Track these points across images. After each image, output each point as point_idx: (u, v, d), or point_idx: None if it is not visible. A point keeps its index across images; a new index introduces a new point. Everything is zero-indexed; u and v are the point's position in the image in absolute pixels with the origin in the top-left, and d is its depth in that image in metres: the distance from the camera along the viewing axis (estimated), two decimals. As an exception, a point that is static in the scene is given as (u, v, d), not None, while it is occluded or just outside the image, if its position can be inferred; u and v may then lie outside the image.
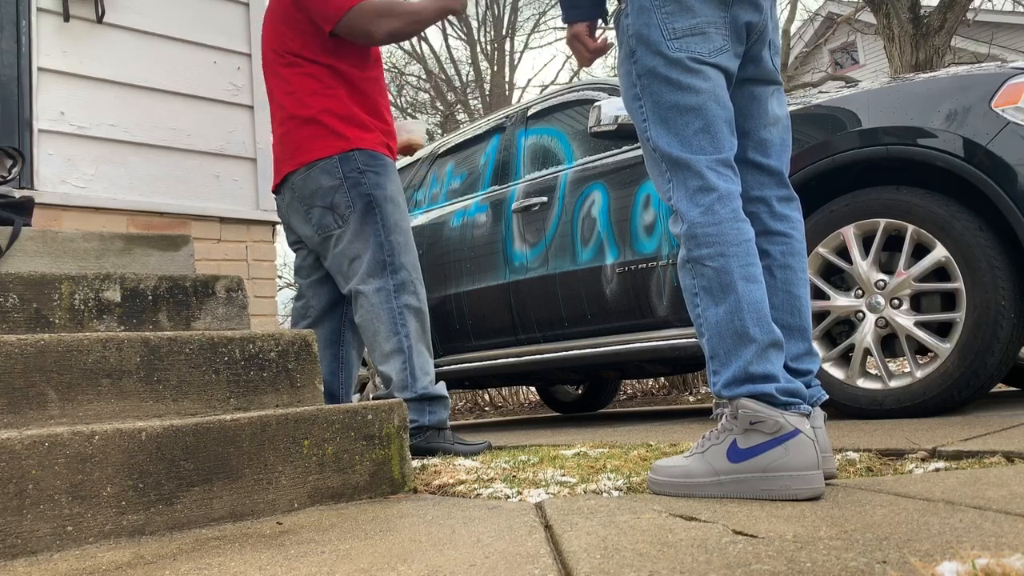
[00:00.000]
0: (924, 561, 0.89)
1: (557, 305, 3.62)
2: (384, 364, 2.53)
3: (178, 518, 1.48)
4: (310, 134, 2.57)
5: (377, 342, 2.53)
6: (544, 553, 1.08)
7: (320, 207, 2.57)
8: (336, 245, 2.58)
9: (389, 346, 2.52)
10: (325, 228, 2.59)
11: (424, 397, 2.52)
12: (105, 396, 1.68)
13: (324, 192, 2.55)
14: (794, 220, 1.63)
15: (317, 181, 2.56)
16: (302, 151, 2.58)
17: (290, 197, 2.65)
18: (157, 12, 3.48)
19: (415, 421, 2.49)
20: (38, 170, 3.10)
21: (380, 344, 2.53)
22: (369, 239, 2.54)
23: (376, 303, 2.52)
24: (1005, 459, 1.57)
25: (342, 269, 2.59)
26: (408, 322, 2.53)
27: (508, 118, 4.28)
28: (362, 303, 2.55)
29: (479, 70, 19.02)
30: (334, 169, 2.55)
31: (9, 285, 1.94)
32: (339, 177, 2.54)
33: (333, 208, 2.56)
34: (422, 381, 2.52)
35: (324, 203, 2.56)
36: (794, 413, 1.39)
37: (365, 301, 2.54)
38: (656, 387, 7.05)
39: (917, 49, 7.50)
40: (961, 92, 2.48)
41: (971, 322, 2.40)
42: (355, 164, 2.56)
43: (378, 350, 2.54)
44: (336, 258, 2.60)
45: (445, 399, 2.58)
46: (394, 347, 2.51)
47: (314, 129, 2.57)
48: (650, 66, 1.51)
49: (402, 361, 2.51)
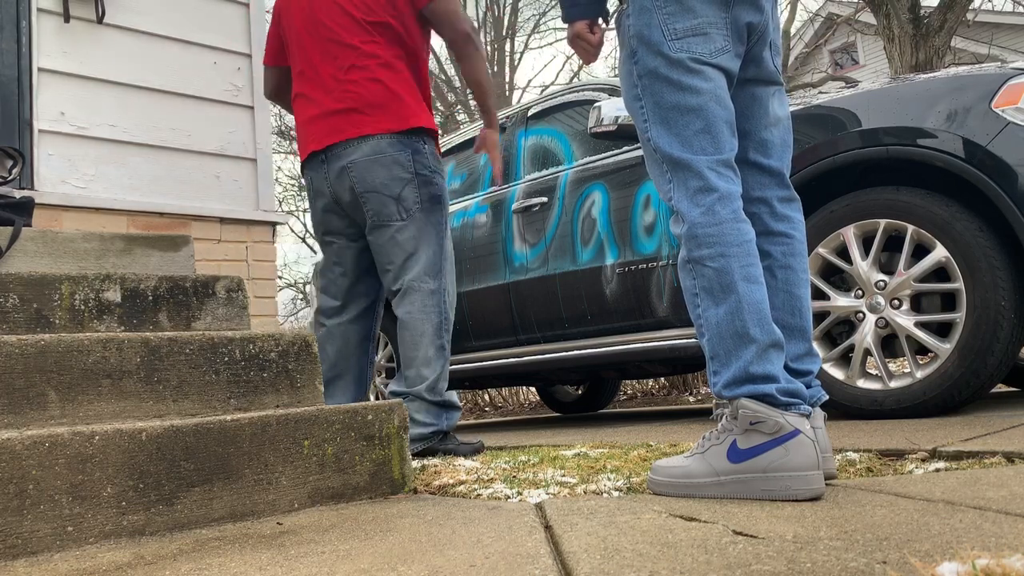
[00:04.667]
0: (924, 561, 0.89)
1: (557, 305, 3.62)
2: (425, 367, 2.51)
3: (178, 518, 1.48)
4: (384, 103, 2.50)
5: (423, 342, 2.51)
6: (544, 553, 1.08)
7: (385, 196, 2.51)
8: (394, 236, 2.53)
9: (434, 349, 2.52)
10: (386, 217, 2.53)
11: (446, 403, 2.54)
12: (105, 396, 1.68)
13: (392, 181, 2.50)
14: (795, 221, 1.64)
15: (388, 168, 2.49)
16: (376, 118, 2.50)
17: (340, 172, 2.54)
18: (157, 13, 3.48)
19: (435, 425, 2.50)
20: (38, 170, 3.10)
21: (425, 345, 2.51)
22: (432, 239, 2.54)
23: (430, 304, 2.52)
24: (1005, 459, 1.57)
25: (394, 261, 2.55)
26: (450, 328, 2.56)
27: (508, 118, 4.28)
28: (415, 300, 2.52)
29: (479, 70, 19.00)
30: (407, 162, 2.51)
31: (9, 285, 1.94)
32: (411, 171, 2.51)
33: (400, 200, 2.51)
34: (443, 387, 2.55)
35: (391, 193, 2.51)
36: (794, 413, 1.39)
37: (420, 299, 2.52)
38: (656, 387, 7.05)
39: (917, 49, 7.50)
40: (961, 92, 2.48)
41: (971, 322, 2.40)
42: (427, 162, 2.54)
43: (422, 350, 2.51)
44: (391, 248, 2.55)
45: (459, 408, 2.61)
46: (438, 350, 2.52)
47: (392, 99, 2.51)
48: (651, 66, 1.51)
49: (441, 365, 2.52)
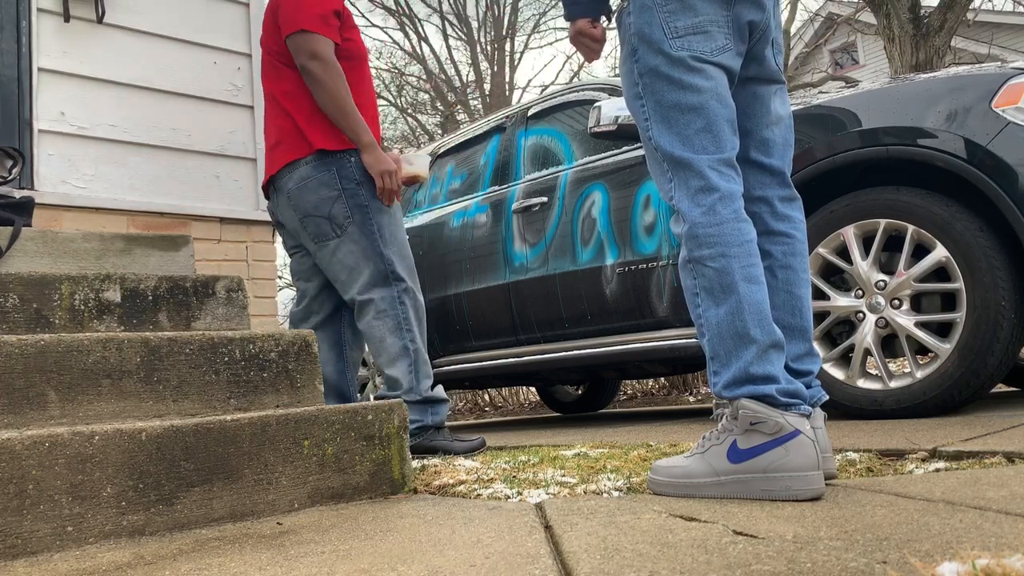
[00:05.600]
0: (924, 561, 0.89)
1: (557, 305, 3.62)
2: (391, 368, 2.59)
3: (178, 518, 1.48)
4: (301, 131, 2.60)
5: (384, 347, 2.59)
6: (544, 553, 1.08)
7: (317, 216, 2.60)
8: (334, 254, 2.62)
9: (396, 351, 2.58)
10: (323, 236, 2.61)
11: (428, 400, 2.60)
12: (105, 396, 1.68)
13: (321, 202, 2.57)
14: (796, 220, 1.63)
15: (316, 192, 2.57)
16: (296, 147, 2.60)
17: (284, 203, 2.66)
18: (157, 12, 3.47)
19: (419, 421, 2.57)
20: (38, 170, 3.10)
21: (387, 349, 2.59)
22: (369, 249, 2.58)
23: (383, 309, 2.58)
24: (1005, 459, 1.57)
25: (339, 277, 2.64)
26: (412, 327, 2.61)
27: (508, 118, 4.28)
28: (368, 310, 2.60)
29: (479, 70, 19.01)
30: (332, 180, 2.57)
31: (9, 285, 1.94)
32: (337, 188, 2.57)
33: (331, 219, 2.58)
34: (425, 384, 2.60)
35: (321, 213, 2.59)
36: (794, 414, 1.38)
37: (371, 308, 2.59)
38: (656, 387, 7.05)
39: (917, 49, 7.50)
40: (961, 92, 2.48)
41: (971, 322, 2.40)
42: (352, 174, 2.58)
43: (385, 355, 2.60)
44: (334, 266, 2.64)
45: (446, 401, 2.67)
46: (400, 352, 2.58)
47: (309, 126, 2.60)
48: (652, 65, 1.51)
49: (408, 365, 2.58)
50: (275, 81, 2.66)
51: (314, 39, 2.52)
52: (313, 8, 2.55)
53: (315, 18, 2.53)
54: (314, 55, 2.51)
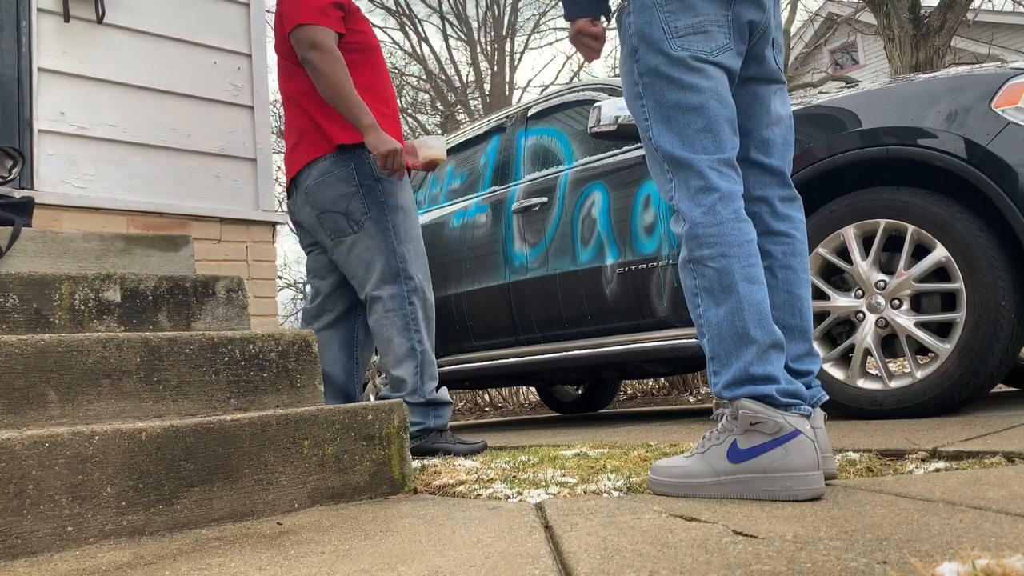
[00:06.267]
0: (924, 561, 0.89)
1: (557, 305, 3.62)
2: (397, 368, 2.60)
3: (178, 518, 1.48)
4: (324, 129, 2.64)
5: (391, 347, 2.60)
6: (544, 553, 1.08)
7: (334, 212, 2.62)
8: (350, 250, 2.63)
9: (403, 351, 2.59)
10: (340, 232, 2.63)
11: (432, 402, 2.60)
12: (105, 396, 1.68)
13: (339, 198, 2.60)
14: (796, 220, 1.63)
15: (334, 187, 2.60)
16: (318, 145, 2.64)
17: (302, 200, 2.69)
18: (157, 13, 3.47)
19: (421, 424, 2.57)
20: (38, 170, 3.10)
21: (394, 349, 2.60)
22: (384, 246, 2.60)
23: (392, 308, 2.59)
24: (1005, 459, 1.57)
25: (356, 274, 2.66)
26: (420, 328, 2.61)
27: (508, 118, 4.28)
28: (377, 308, 2.62)
29: (479, 70, 19.01)
30: (350, 176, 2.59)
31: (9, 285, 1.94)
32: (355, 184, 2.59)
33: (348, 214, 2.61)
34: (430, 386, 2.61)
35: (339, 209, 2.61)
36: (794, 414, 1.38)
37: (380, 306, 2.61)
38: (656, 387, 7.05)
39: (917, 49, 7.50)
40: (961, 92, 2.48)
41: (971, 322, 2.40)
42: (370, 171, 2.61)
43: (392, 354, 2.60)
44: (351, 262, 2.65)
45: (449, 404, 2.67)
46: (407, 353, 2.59)
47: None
48: (652, 65, 1.51)
49: (415, 366, 2.59)
50: (290, 82, 2.69)
51: (311, 30, 2.55)
52: (310, 2, 2.58)
53: (312, 11, 2.57)
54: (313, 45, 2.54)
